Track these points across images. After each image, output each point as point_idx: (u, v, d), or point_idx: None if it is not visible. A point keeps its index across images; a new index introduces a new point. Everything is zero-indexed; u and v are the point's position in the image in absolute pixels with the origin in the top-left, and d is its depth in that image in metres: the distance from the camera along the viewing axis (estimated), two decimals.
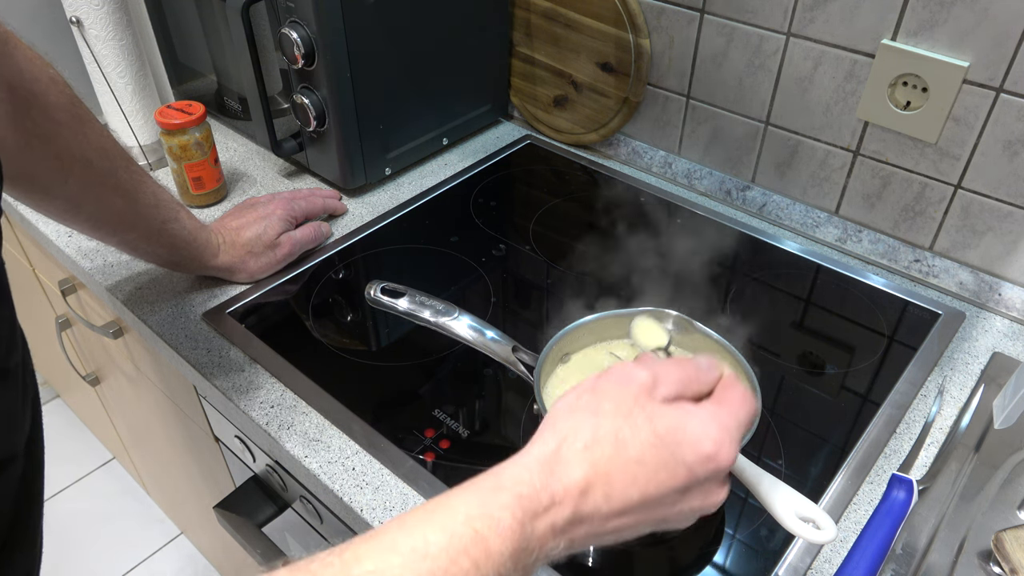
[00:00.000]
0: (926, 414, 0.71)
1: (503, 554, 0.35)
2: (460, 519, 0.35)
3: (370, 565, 0.33)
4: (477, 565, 0.34)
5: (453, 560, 0.34)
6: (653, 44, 0.97)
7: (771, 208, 0.96)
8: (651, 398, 0.41)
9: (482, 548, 0.34)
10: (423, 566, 0.33)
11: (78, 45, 0.95)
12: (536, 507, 0.36)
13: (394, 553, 0.34)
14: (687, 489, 0.41)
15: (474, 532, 0.35)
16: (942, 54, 0.75)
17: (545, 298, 0.86)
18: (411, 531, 0.35)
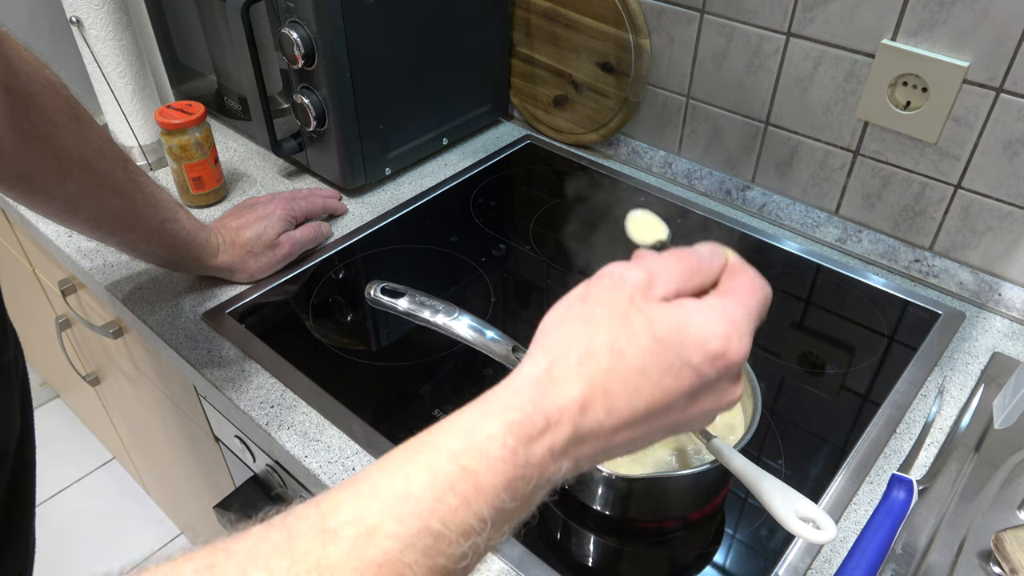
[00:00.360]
0: (926, 414, 0.71)
1: (496, 487, 0.32)
2: (444, 456, 0.32)
3: (348, 514, 0.31)
4: (467, 501, 0.32)
5: (439, 499, 0.31)
6: (653, 44, 0.97)
7: (771, 208, 0.96)
8: (648, 299, 0.37)
9: (471, 483, 0.32)
10: (405, 509, 0.31)
11: (78, 45, 0.95)
12: (530, 432, 0.33)
13: (373, 499, 0.31)
14: (697, 392, 0.37)
15: (461, 468, 0.32)
16: (942, 54, 0.75)
17: (545, 298, 0.86)
18: (391, 473, 0.32)
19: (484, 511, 0.32)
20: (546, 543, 0.60)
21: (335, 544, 0.30)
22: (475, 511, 0.32)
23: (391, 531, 0.30)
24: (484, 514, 0.32)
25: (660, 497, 0.60)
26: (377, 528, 0.30)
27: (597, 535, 0.62)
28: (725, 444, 0.57)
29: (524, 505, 0.34)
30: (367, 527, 0.30)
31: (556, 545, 0.61)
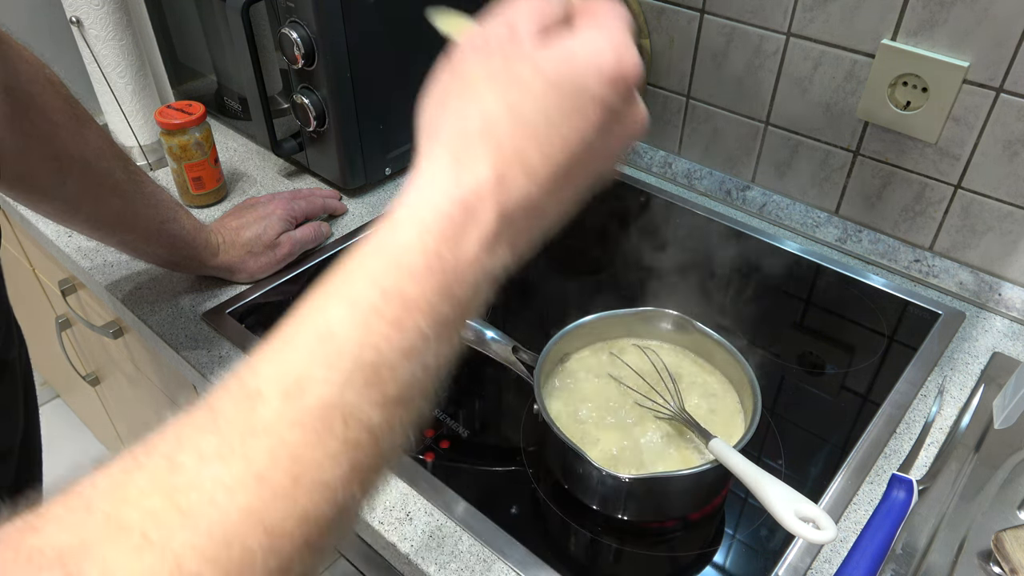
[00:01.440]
0: (926, 414, 0.71)
1: (428, 299, 0.29)
2: (360, 283, 0.29)
3: (268, 371, 0.28)
4: (399, 323, 0.29)
5: (366, 329, 0.28)
6: (653, 44, 0.97)
7: (771, 208, 0.96)
8: (519, 43, 0.33)
9: (397, 303, 0.29)
10: (330, 349, 0.28)
11: (78, 45, 0.95)
12: (451, 230, 0.30)
13: (292, 349, 0.28)
14: (607, 124, 0.34)
15: (382, 291, 0.29)
16: (942, 54, 0.75)
17: (545, 298, 0.86)
18: (306, 318, 0.29)
19: (423, 327, 0.29)
20: (546, 543, 0.60)
21: (263, 405, 0.27)
22: (412, 330, 0.29)
23: (321, 376, 0.27)
24: (424, 330, 0.29)
25: (660, 497, 0.60)
26: (304, 377, 0.27)
27: (597, 535, 0.62)
28: (725, 444, 0.57)
29: (468, 308, 0.31)
30: (293, 379, 0.27)
31: (556, 545, 0.61)
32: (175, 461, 0.26)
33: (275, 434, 0.26)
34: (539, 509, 0.63)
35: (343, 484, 0.27)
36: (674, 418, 0.62)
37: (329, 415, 0.27)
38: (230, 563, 0.24)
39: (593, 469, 0.57)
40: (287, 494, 0.26)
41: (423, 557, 0.59)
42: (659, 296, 0.75)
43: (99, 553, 0.23)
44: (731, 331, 0.68)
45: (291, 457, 0.26)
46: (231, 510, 0.25)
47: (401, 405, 0.29)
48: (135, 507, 0.24)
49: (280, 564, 0.25)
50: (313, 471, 0.26)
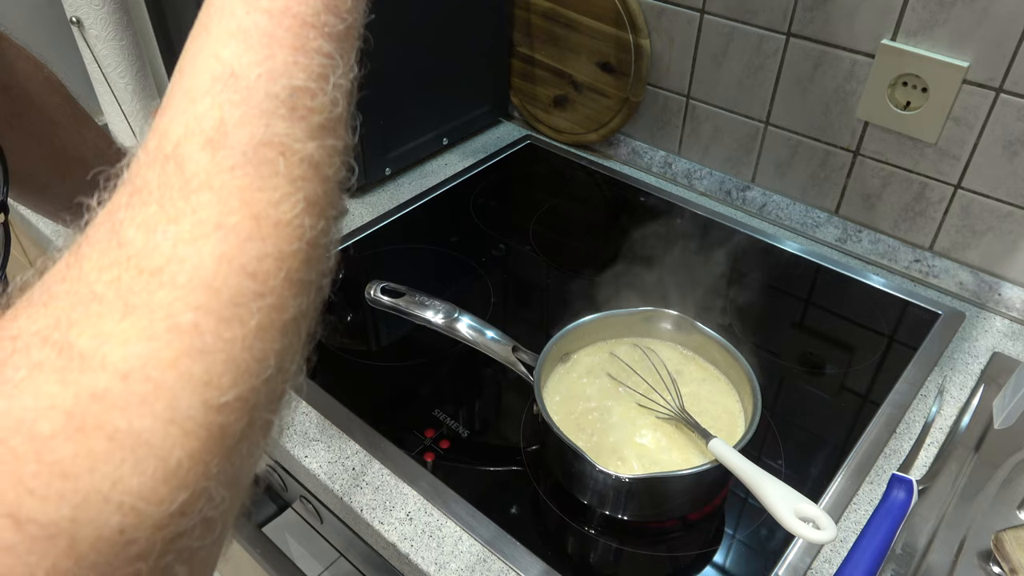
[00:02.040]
0: (926, 414, 0.71)
1: (317, 13, 0.28)
2: (240, 11, 0.27)
3: (180, 128, 0.25)
4: (301, 47, 0.27)
5: (269, 59, 0.26)
6: (653, 44, 0.97)
7: (771, 208, 0.96)
8: None
9: (290, 23, 0.27)
10: (238, 88, 0.26)
11: (78, 45, 0.95)
12: None
13: (195, 99, 0.26)
14: None
15: (268, 13, 0.27)
16: (942, 54, 0.75)
17: (545, 298, 0.86)
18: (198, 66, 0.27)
19: (322, 45, 0.28)
20: (546, 543, 0.60)
21: (190, 162, 0.25)
22: (314, 50, 0.28)
23: (239, 117, 0.25)
24: (324, 48, 0.28)
25: (660, 497, 0.60)
26: (223, 122, 0.25)
27: (597, 535, 0.62)
28: (725, 444, 0.57)
29: (353, 25, 0.31)
30: (211, 127, 0.25)
31: (556, 545, 0.61)
32: (121, 238, 0.24)
33: (216, 184, 0.25)
34: (539, 509, 0.63)
35: (304, 218, 0.26)
36: (674, 418, 0.62)
37: (263, 153, 0.25)
38: (223, 309, 0.24)
39: (593, 469, 0.57)
40: (253, 235, 0.25)
41: (423, 557, 0.59)
42: (659, 296, 0.75)
43: (83, 324, 0.22)
44: (731, 331, 0.68)
45: (242, 201, 0.25)
46: (204, 259, 0.24)
47: (330, 132, 0.28)
48: (99, 282, 0.23)
49: (272, 304, 0.25)
50: (270, 210, 0.25)
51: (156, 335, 0.22)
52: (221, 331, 0.23)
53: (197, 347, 0.23)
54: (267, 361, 0.25)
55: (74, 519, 0.20)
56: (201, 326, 0.23)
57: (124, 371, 0.22)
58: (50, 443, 0.20)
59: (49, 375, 0.21)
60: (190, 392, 0.22)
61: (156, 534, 0.21)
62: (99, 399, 0.21)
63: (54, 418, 0.20)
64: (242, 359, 0.24)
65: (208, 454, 0.23)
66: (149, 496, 0.21)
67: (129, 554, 0.21)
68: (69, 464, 0.20)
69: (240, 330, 0.24)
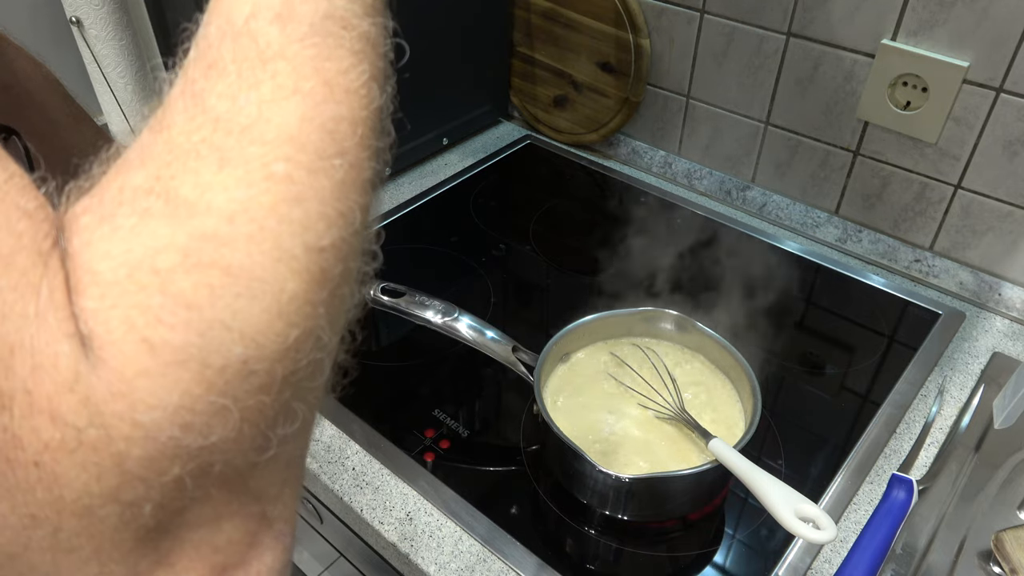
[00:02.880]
0: (926, 414, 0.71)
1: None
2: None
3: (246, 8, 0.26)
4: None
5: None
6: (653, 44, 0.97)
7: (771, 208, 0.96)
8: None
9: None
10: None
11: (78, 45, 0.95)
12: None
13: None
14: None
15: None
16: (942, 54, 0.75)
17: (545, 298, 0.86)
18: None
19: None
20: (546, 543, 0.60)
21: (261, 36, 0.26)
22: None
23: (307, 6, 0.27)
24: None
25: (660, 497, 0.60)
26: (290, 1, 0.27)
27: (597, 535, 0.62)
28: (725, 444, 0.57)
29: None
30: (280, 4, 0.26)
31: (556, 545, 0.61)
32: (204, 105, 0.25)
33: (290, 54, 0.26)
34: (539, 509, 0.63)
35: (370, 87, 0.28)
36: (674, 418, 0.62)
37: (330, 27, 0.27)
38: (311, 163, 0.25)
39: (593, 469, 0.57)
40: (328, 99, 0.26)
41: (423, 557, 0.59)
42: (659, 296, 0.75)
43: (183, 176, 0.23)
44: (731, 331, 0.68)
45: (316, 70, 0.26)
46: (287, 119, 0.25)
47: (380, 12, 0.29)
48: (189, 141, 0.24)
49: (352, 162, 0.26)
50: (340, 78, 0.27)
51: (254, 183, 0.24)
52: (311, 182, 0.25)
53: (293, 194, 0.24)
54: (353, 214, 0.26)
55: (202, 346, 0.21)
56: (293, 176, 0.24)
57: (229, 214, 0.23)
58: (171, 276, 0.21)
59: (159, 220, 0.22)
60: (291, 234, 0.24)
61: (276, 367, 0.23)
62: (210, 239, 0.22)
63: (171, 255, 0.22)
64: (333, 208, 0.25)
65: (314, 293, 0.24)
66: (266, 329, 0.22)
67: (252, 385, 0.22)
68: (191, 295, 0.21)
69: (328, 181, 0.25)
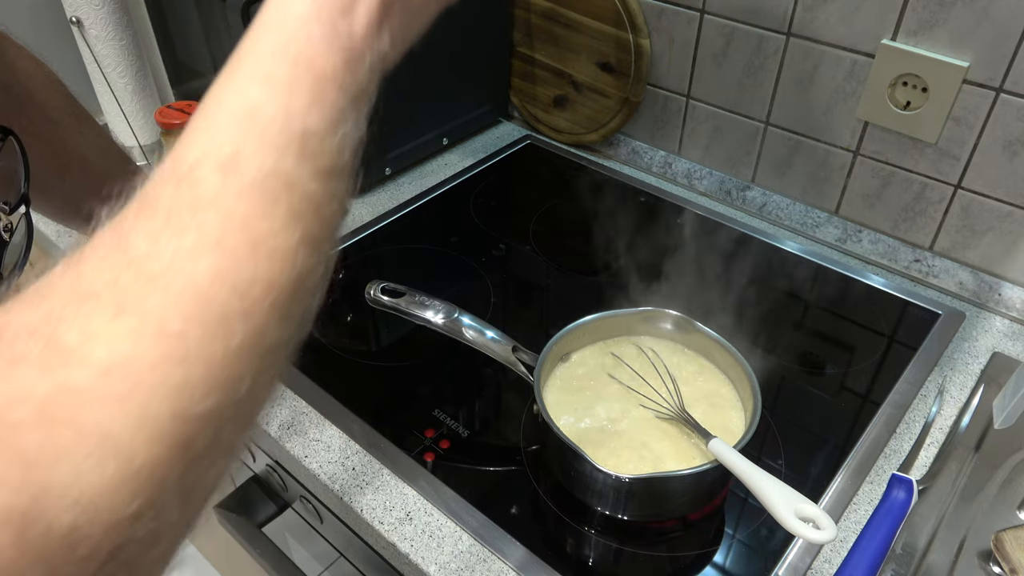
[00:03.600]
0: (926, 414, 0.71)
1: (335, 70, 0.29)
2: (268, 59, 0.28)
3: (196, 152, 0.27)
4: (318, 95, 0.28)
5: (288, 101, 0.28)
6: (653, 44, 0.97)
7: (771, 208, 0.96)
8: None
9: (311, 74, 0.28)
10: (256, 124, 0.27)
11: (78, 45, 0.95)
12: (339, 3, 0.29)
13: (216, 130, 0.27)
14: None
15: (292, 62, 0.28)
16: (942, 54, 0.75)
17: (545, 298, 0.86)
18: (223, 102, 0.28)
19: (339, 100, 0.29)
20: (546, 543, 0.60)
21: (202, 183, 0.26)
22: (329, 103, 0.29)
23: (254, 149, 0.27)
24: (338, 103, 0.29)
25: (660, 497, 0.60)
26: (237, 152, 0.27)
27: (597, 535, 0.62)
28: (725, 444, 0.57)
29: (367, 88, 0.31)
30: (227, 155, 0.27)
31: (556, 545, 0.61)
32: (126, 243, 0.25)
33: (223, 206, 0.26)
34: (539, 509, 0.63)
35: (298, 252, 0.27)
36: (674, 418, 0.62)
37: (271, 185, 0.27)
38: (210, 323, 0.24)
39: (593, 469, 0.57)
40: (248, 259, 0.26)
41: (423, 557, 0.59)
42: (659, 296, 0.75)
43: (73, 320, 0.23)
44: (731, 331, 0.68)
45: (244, 226, 0.26)
46: (199, 273, 0.25)
47: (334, 177, 0.30)
48: (97, 281, 0.24)
49: (255, 327, 0.26)
50: (269, 239, 0.26)
51: (143, 337, 0.23)
52: (205, 343, 0.24)
53: (180, 354, 0.23)
54: (242, 382, 0.25)
55: (28, 509, 0.20)
56: (187, 335, 0.24)
57: (105, 368, 0.22)
58: (19, 430, 0.20)
59: (30, 367, 0.22)
60: (164, 397, 0.23)
61: (105, 537, 0.21)
62: (73, 393, 0.21)
63: (27, 407, 0.21)
64: (220, 374, 0.24)
65: (170, 463, 0.23)
66: (107, 496, 0.21)
67: (76, 555, 0.21)
68: (34, 453, 0.20)
69: (223, 345, 0.25)
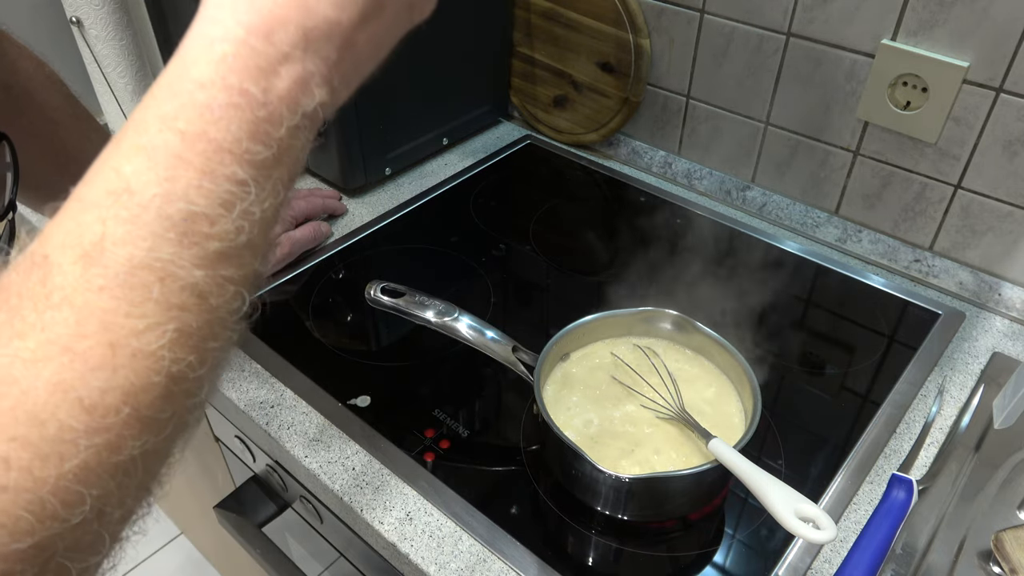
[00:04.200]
0: (926, 414, 0.71)
1: (236, 140, 0.25)
2: (155, 130, 0.25)
3: (58, 238, 0.24)
4: (208, 171, 0.25)
5: (170, 179, 0.24)
6: (653, 44, 0.97)
7: (771, 208, 0.96)
8: None
9: (202, 147, 0.25)
10: (129, 204, 0.24)
11: (78, 45, 0.95)
12: (252, 59, 0.26)
13: (84, 211, 0.24)
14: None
15: (180, 134, 0.25)
16: (942, 54, 0.75)
17: (545, 298, 0.86)
18: (97, 177, 0.25)
19: (238, 173, 0.25)
20: (546, 543, 0.60)
21: (57, 273, 0.23)
22: (226, 177, 0.25)
23: (123, 235, 0.24)
24: (240, 176, 0.26)
25: (660, 497, 0.60)
26: (103, 237, 0.23)
27: (597, 535, 0.62)
28: (725, 444, 0.57)
29: (288, 151, 0.27)
30: (90, 241, 0.23)
31: (556, 545, 0.61)
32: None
33: (78, 302, 0.23)
34: (539, 509, 0.63)
35: (171, 351, 0.24)
36: (674, 418, 0.62)
37: (140, 276, 0.24)
38: (44, 442, 0.21)
39: (593, 469, 0.57)
40: (103, 365, 0.23)
41: (423, 557, 0.59)
42: (659, 296, 0.75)
43: None
44: (731, 331, 0.68)
45: (102, 325, 0.23)
46: (36, 385, 0.22)
47: (226, 262, 0.26)
48: None
49: (108, 441, 0.23)
50: (132, 339, 0.23)
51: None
52: (33, 468, 0.21)
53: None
54: (81, 506, 0.22)
55: None
56: (11, 460, 0.21)
57: None
58: None
59: None
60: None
61: None
62: None
63: None
64: (50, 503, 0.21)
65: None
66: None
67: None
68: None
69: (56, 470, 0.22)
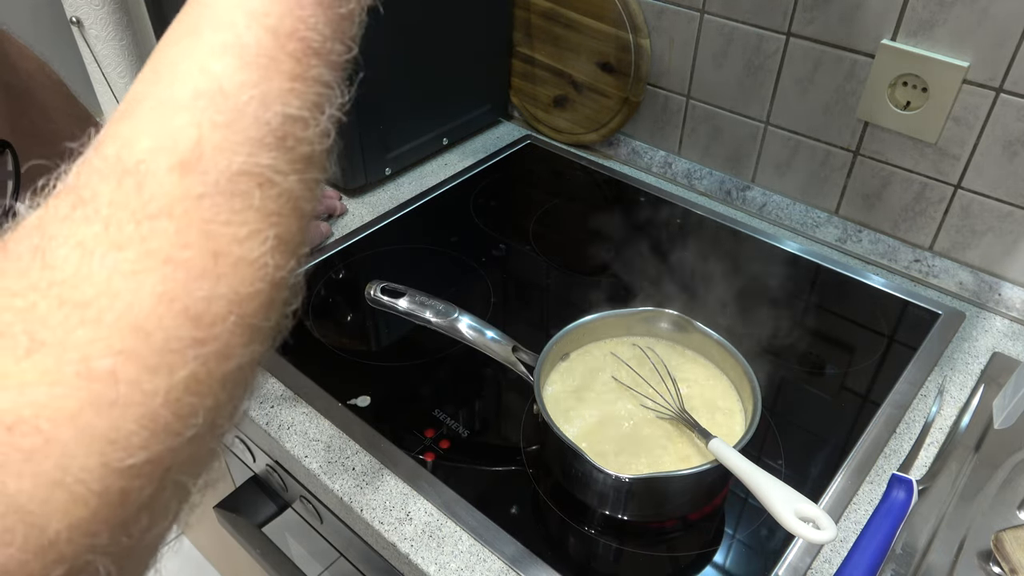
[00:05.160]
0: (926, 414, 0.71)
1: (325, 39, 0.25)
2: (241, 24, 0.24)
3: (150, 141, 0.22)
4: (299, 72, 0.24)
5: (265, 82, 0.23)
6: (653, 44, 0.97)
7: (771, 208, 0.96)
8: None
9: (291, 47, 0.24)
10: (225, 108, 0.23)
11: (78, 45, 0.95)
12: None
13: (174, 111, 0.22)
14: None
15: (271, 32, 0.24)
16: (942, 54, 0.75)
17: (545, 298, 0.86)
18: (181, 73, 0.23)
19: (323, 74, 0.25)
20: (546, 543, 0.60)
21: (154, 182, 0.21)
22: (314, 78, 0.25)
23: (221, 141, 0.22)
24: (324, 77, 0.25)
25: (660, 497, 0.60)
26: (200, 143, 0.22)
27: (597, 535, 0.62)
28: (725, 444, 0.57)
29: (351, 50, 0.28)
30: (187, 147, 0.22)
31: (556, 545, 0.61)
32: (48, 258, 0.21)
33: (178, 212, 0.21)
34: (539, 509, 0.63)
35: (271, 257, 0.23)
36: (674, 418, 0.62)
37: (240, 184, 0.22)
38: (152, 355, 0.20)
39: (593, 469, 0.57)
40: (206, 273, 0.22)
41: (423, 557, 0.59)
42: (659, 296, 0.75)
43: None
44: (731, 331, 0.68)
45: (203, 235, 0.22)
46: (141, 297, 0.20)
47: (315, 166, 0.25)
48: (8, 309, 0.20)
49: (217, 351, 0.22)
50: (234, 247, 0.22)
51: (60, 380, 0.19)
52: (142, 381, 0.20)
53: (108, 398, 0.20)
54: (194, 418, 0.22)
55: None
56: (119, 374, 0.20)
57: (9, 421, 0.18)
58: None
59: None
60: (87, 450, 0.19)
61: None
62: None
63: None
64: (162, 415, 0.21)
65: (98, 524, 0.19)
66: (14, 571, 0.18)
67: None
68: None
69: (166, 381, 0.21)
